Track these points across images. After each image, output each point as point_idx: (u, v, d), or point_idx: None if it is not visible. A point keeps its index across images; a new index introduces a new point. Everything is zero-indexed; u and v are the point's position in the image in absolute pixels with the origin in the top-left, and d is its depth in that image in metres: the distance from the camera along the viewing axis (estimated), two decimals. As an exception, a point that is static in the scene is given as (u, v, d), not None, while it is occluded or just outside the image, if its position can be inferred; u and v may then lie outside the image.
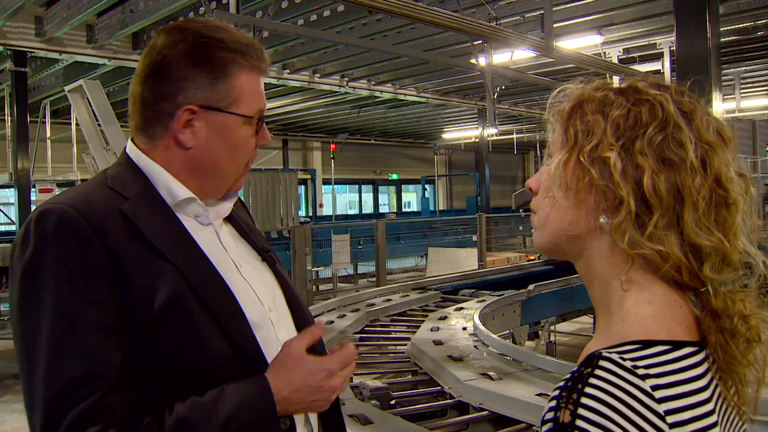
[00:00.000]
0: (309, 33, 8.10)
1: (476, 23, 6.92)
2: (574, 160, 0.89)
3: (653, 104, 0.87)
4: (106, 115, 7.63)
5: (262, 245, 1.38)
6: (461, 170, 25.42)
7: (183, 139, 1.21)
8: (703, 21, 4.68)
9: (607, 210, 0.87)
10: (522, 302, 6.73)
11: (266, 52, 1.29)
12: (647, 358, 0.81)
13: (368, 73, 11.96)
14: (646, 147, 0.85)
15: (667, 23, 8.26)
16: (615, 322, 0.88)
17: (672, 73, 9.00)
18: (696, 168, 0.84)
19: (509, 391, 3.55)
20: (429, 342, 4.69)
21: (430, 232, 16.08)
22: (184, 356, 1.10)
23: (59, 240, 1.07)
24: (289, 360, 1.16)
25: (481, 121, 15.69)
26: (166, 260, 1.13)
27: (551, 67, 10.61)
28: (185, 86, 1.19)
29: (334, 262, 9.53)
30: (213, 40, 1.21)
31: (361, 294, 7.07)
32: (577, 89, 0.96)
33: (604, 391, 0.77)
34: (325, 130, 20.25)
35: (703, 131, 0.86)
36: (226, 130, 1.22)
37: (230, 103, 1.21)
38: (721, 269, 0.85)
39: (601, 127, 0.88)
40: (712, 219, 0.84)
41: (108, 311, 1.07)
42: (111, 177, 1.22)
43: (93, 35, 8.67)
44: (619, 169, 0.85)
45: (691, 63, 4.65)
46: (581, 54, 8.41)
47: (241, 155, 1.26)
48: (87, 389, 1.01)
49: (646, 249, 0.84)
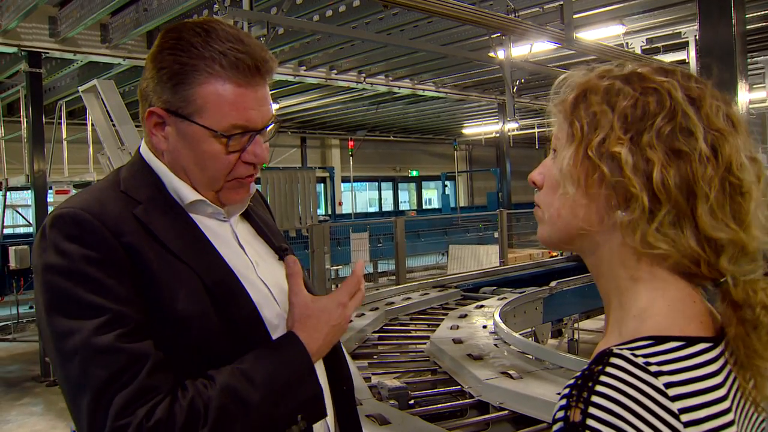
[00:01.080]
0: (325, 29, 8.03)
1: (494, 16, 6.82)
2: (582, 155, 0.87)
3: (660, 92, 0.85)
4: (121, 115, 7.61)
5: (279, 243, 1.36)
6: (482, 166, 25.26)
7: (154, 141, 1.21)
8: (728, 7, 4.49)
9: (619, 205, 0.85)
10: (544, 299, 6.65)
11: (264, 57, 1.19)
12: (660, 355, 0.79)
13: (386, 68, 11.86)
14: (655, 139, 0.82)
15: (692, 11, 8.02)
16: (627, 318, 0.86)
17: (697, 62, 8.77)
18: (707, 157, 0.81)
19: (530, 390, 3.52)
20: (448, 341, 4.65)
21: (451, 229, 16.01)
22: (200, 356, 1.11)
23: (77, 242, 1.08)
24: (310, 310, 1.18)
25: (501, 115, 15.52)
26: (182, 262, 1.13)
27: (572, 60, 10.42)
28: (153, 88, 1.18)
29: (353, 260, 9.45)
30: (184, 43, 1.16)
31: (380, 292, 7.03)
32: (579, 77, 0.93)
33: (615, 389, 0.75)
34: (344, 127, 20.20)
35: (713, 118, 0.84)
36: (192, 139, 1.18)
37: (193, 111, 1.16)
38: (739, 260, 0.82)
39: (608, 119, 0.85)
40: (726, 209, 0.82)
41: (136, 307, 1.08)
42: (124, 179, 1.21)
43: (107, 35, 8.64)
44: (631, 164, 0.82)
45: (715, 51, 4.47)
46: (603, 45, 8.23)
47: (213, 169, 1.19)
48: (128, 375, 1.02)
49: (656, 247, 0.82)
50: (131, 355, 1.03)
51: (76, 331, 1.04)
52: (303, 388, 1.13)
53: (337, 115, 17.64)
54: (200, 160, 1.19)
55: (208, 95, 1.15)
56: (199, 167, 1.20)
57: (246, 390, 1.06)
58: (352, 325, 5.32)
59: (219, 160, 1.18)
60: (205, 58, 1.15)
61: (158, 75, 1.17)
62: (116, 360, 1.02)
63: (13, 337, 10.29)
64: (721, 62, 4.36)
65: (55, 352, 1.06)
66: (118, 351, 1.03)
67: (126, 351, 1.03)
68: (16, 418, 6.80)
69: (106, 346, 1.02)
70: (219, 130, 1.16)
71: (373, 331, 5.41)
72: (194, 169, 1.20)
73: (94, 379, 1.01)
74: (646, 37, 9.01)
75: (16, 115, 11.29)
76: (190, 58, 1.15)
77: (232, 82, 1.16)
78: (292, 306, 1.20)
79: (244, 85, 1.17)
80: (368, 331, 5.32)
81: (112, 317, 1.05)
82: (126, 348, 1.03)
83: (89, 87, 8.03)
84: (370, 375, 4.02)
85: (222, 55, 1.15)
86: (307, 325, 1.17)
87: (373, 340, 5.20)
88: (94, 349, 1.02)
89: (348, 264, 10.17)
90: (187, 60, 1.15)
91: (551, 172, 0.94)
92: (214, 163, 1.19)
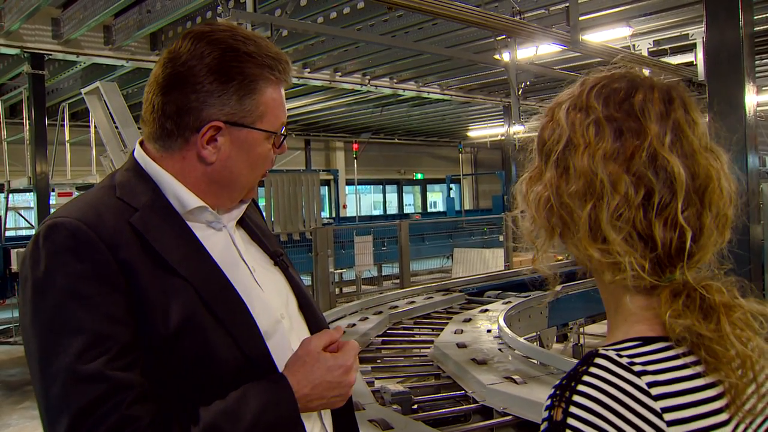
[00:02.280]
0: (329, 31, 8.00)
1: (500, 18, 6.78)
2: None
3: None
4: (123, 117, 7.59)
5: (274, 249, 1.37)
6: (487, 169, 25.20)
7: (206, 154, 1.19)
8: (736, 8, 4.42)
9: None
10: (549, 304, 6.55)
11: (287, 59, 1.27)
12: (646, 355, 0.80)
13: (390, 70, 11.83)
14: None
15: (700, 13, 7.95)
16: (620, 322, 0.88)
17: (705, 64, 8.70)
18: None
19: (534, 395, 3.46)
20: (452, 345, 4.61)
21: (456, 233, 15.92)
22: (198, 369, 1.10)
23: (71, 256, 1.06)
24: (308, 357, 1.16)
25: (506, 118, 15.47)
26: (177, 275, 1.12)
27: (578, 62, 10.37)
28: (212, 102, 1.17)
29: (357, 263, 9.40)
30: (242, 54, 1.18)
31: (384, 296, 6.99)
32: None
33: (596, 388, 0.76)
34: (348, 129, 20.17)
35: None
36: (250, 145, 1.21)
37: (256, 119, 1.20)
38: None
39: None
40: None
41: (125, 326, 1.06)
42: (119, 185, 1.20)
43: (110, 36, 8.62)
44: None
45: (722, 53, 4.41)
46: (609, 47, 8.17)
47: (260, 168, 1.25)
48: (111, 403, 1.00)
49: (594, 256, 0.86)
50: (116, 383, 1.02)
51: (61, 352, 1.02)
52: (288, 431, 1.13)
53: (342, 117, 17.61)
54: (253, 162, 1.23)
55: (269, 101, 1.21)
56: (251, 170, 1.24)
57: (232, 427, 1.05)
58: (356, 329, 5.29)
59: (267, 158, 1.25)
60: (265, 66, 1.20)
61: (222, 88, 1.17)
62: (99, 388, 1.01)
63: (14, 340, 10.25)
64: (728, 64, 4.30)
65: (37, 369, 1.05)
66: (102, 379, 1.01)
67: (110, 379, 1.01)
68: (18, 422, 6.76)
69: (91, 373, 1.01)
70: (276, 131, 1.24)
71: (377, 335, 5.36)
72: (247, 174, 1.23)
73: (74, 406, 1.00)
74: (653, 39, 8.93)
75: (18, 117, 11.24)
76: (253, 67, 1.19)
77: (279, 84, 1.23)
78: (299, 347, 1.20)
79: (282, 86, 1.25)
80: (372, 334, 5.27)
81: (99, 339, 1.03)
82: (111, 376, 1.02)
83: (92, 89, 8.02)
84: (374, 379, 3.98)
85: (275, 61, 1.21)
86: (300, 370, 1.16)
87: (376, 344, 5.16)
88: (78, 374, 1.01)
89: (351, 267, 10.12)
90: (251, 70, 1.18)
91: None
92: (264, 161, 1.25)
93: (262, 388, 1.11)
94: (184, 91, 1.17)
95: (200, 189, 1.21)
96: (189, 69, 1.16)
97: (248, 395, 1.09)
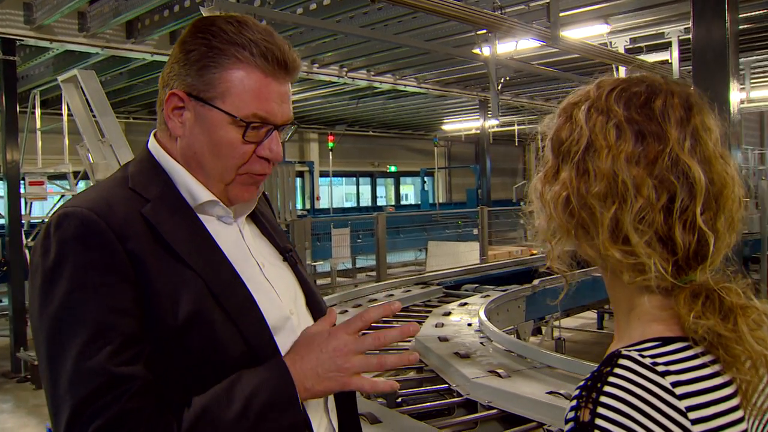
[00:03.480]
0: (308, 22, 7.93)
1: (481, 12, 6.78)
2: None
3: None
4: (102, 106, 7.42)
5: (284, 244, 1.36)
6: (461, 162, 25.31)
7: (171, 125, 1.19)
8: (722, 7, 4.49)
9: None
10: (527, 297, 6.63)
11: (291, 56, 1.19)
12: (666, 355, 0.81)
13: (368, 63, 11.79)
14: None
15: (676, 12, 8.10)
16: (633, 322, 0.89)
17: (681, 63, 8.83)
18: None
19: (519, 389, 3.51)
20: (434, 338, 4.63)
21: (430, 226, 15.97)
22: (204, 362, 1.09)
23: (81, 245, 1.06)
24: (301, 338, 1.16)
25: (482, 112, 15.53)
26: (188, 267, 1.12)
27: (554, 57, 10.45)
28: (177, 71, 1.17)
29: (334, 256, 9.39)
30: (215, 28, 1.17)
31: (362, 289, 7.01)
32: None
33: (623, 389, 0.77)
34: (323, 121, 20.07)
35: None
36: (210, 125, 1.17)
37: (216, 96, 1.16)
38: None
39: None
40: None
41: (132, 317, 1.06)
42: (132, 175, 1.20)
43: (85, 23, 8.40)
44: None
45: (709, 51, 4.47)
46: (587, 44, 8.23)
47: (227, 158, 1.18)
48: (112, 395, 1.00)
49: (614, 259, 0.87)
50: (118, 376, 1.02)
51: (66, 342, 1.03)
52: (284, 413, 1.09)
53: (317, 109, 17.52)
54: (216, 146, 1.17)
55: (233, 80, 1.15)
56: (213, 154, 1.18)
57: (222, 410, 1.05)
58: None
59: (234, 148, 1.17)
60: (236, 43, 1.15)
61: (185, 57, 1.17)
62: (101, 380, 1.01)
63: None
64: (714, 63, 4.37)
65: (45, 357, 1.05)
66: (104, 371, 1.01)
67: (113, 371, 1.02)
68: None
69: (94, 364, 1.01)
70: (239, 117, 1.15)
71: (357, 328, 5.36)
72: (208, 157, 1.18)
73: (76, 396, 1.00)
74: (630, 36, 9.03)
75: (-12, 104, 10.97)
76: (221, 42, 1.15)
77: (259, 70, 1.16)
78: (299, 336, 1.19)
79: (270, 76, 1.17)
80: (352, 328, 5.27)
81: (105, 330, 1.03)
82: (114, 368, 1.02)
83: (69, 77, 7.82)
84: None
85: (253, 43, 1.15)
86: (295, 351, 1.15)
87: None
88: (82, 365, 1.01)
89: (327, 260, 10.10)
90: (217, 44, 1.15)
91: None
92: (230, 151, 1.17)
93: (257, 370, 1.10)
94: (166, 65, 1.21)
95: (199, 175, 1.21)
96: (177, 43, 1.21)
97: (242, 378, 1.08)
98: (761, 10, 7.76)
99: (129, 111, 15.65)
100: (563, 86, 13.93)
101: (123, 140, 7.35)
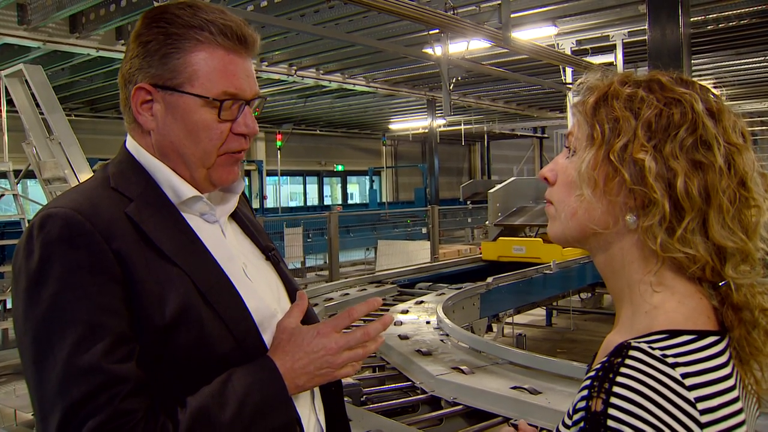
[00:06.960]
0: (258, 18, 7.82)
1: (434, 12, 6.84)
2: (603, 159, 0.90)
3: (683, 104, 0.88)
4: (49, 102, 7.11)
5: (265, 243, 1.36)
6: (407, 161, 25.45)
7: (141, 120, 1.18)
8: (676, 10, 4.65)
9: (634, 209, 0.89)
10: (481, 295, 6.72)
11: (249, 31, 1.19)
12: (675, 347, 0.83)
13: (317, 62, 11.76)
14: (678, 150, 0.86)
15: (620, 16, 8.36)
16: (638, 314, 0.90)
17: (624, 65, 9.10)
18: (723, 170, 0.86)
19: (483, 384, 3.55)
20: (394, 336, 4.64)
21: (379, 225, 16.01)
22: (193, 360, 1.09)
23: (66, 246, 1.04)
24: (284, 335, 1.16)
25: (430, 111, 15.65)
26: (174, 265, 1.11)
27: (503, 58, 10.62)
28: (139, 64, 1.16)
29: (287, 255, 9.32)
30: (168, 14, 1.16)
31: (317, 288, 6.98)
32: (599, 82, 0.96)
33: (635, 379, 0.79)
34: (270, 120, 19.89)
35: (730, 132, 0.89)
36: (183, 111, 1.16)
37: (184, 81, 1.15)
38: (742, 268, 0.89)
39: (631, 126, 0.89)
40: (736, 220, 0.87)
41: (122, 317, 1.04)
42: (113, 175, 1.18)
43: (25, 16, 8.09)
44: (654, 171, 0.86)
45: (664, 53, 4.62)
46: (536, 45, 8.40)
47: (206, 140, 1.17)
48: (104, 397, 0.99)
49: (676, 252, 0.86)
50: (111, 376, 1.00)
51: (56, 344, 1.01)
52: (277, 412, 1.12)
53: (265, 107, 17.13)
54: (193, 132, 1.16)
55: (198, 62, 1.14)
56: (191, 140, 1.17)
57: (217, 412, 1.05)
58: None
59: (211, 129, 1.16)
60: (193, 26, 1.14)
61: (144, 50, 1.15)
62: (93, 381, 0.99)
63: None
64: (670, 64, 4.52)
65: (31, 362, 1.03)
66: (97, 372, 1.00)
67: (105, 372, 1.00)
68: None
69: (86, 365, 1.00)
70: (211, 97, 1.15)
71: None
72: (187, 144, 1.17)
73: (67, 399, 0.98)
74: (576, 39, 9.26)
75: None
76: (178, 27, 1.14)
77: (221, 48, 1.16)
78: (276, 330, 1.19)
79: (233, 52, 1.17)
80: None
81: (95, 330, 1.01)
82: (106, 368, 1.00)
83: (14, 71, 7.48)
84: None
85: (210, 23, 1.15)
86: (279, 348, 1.16)
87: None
88: (73, 367, 1.00)
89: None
90: (174, 30, 1.14)
91: (567, 170, 0.97)
92: (207, 133, 1.16)
93: (247, 369, 1.11)
94: (123, 62, 1.19)
95: (181, 169, 1.20)
96: (131, 37, 1.19)
97: (233, 378, 1.08)
98: (699, 17, 8.07)
99: (71, 108, 15.18)
100: (510, 86, 14.18)
101: (73, 137, 7.08)
